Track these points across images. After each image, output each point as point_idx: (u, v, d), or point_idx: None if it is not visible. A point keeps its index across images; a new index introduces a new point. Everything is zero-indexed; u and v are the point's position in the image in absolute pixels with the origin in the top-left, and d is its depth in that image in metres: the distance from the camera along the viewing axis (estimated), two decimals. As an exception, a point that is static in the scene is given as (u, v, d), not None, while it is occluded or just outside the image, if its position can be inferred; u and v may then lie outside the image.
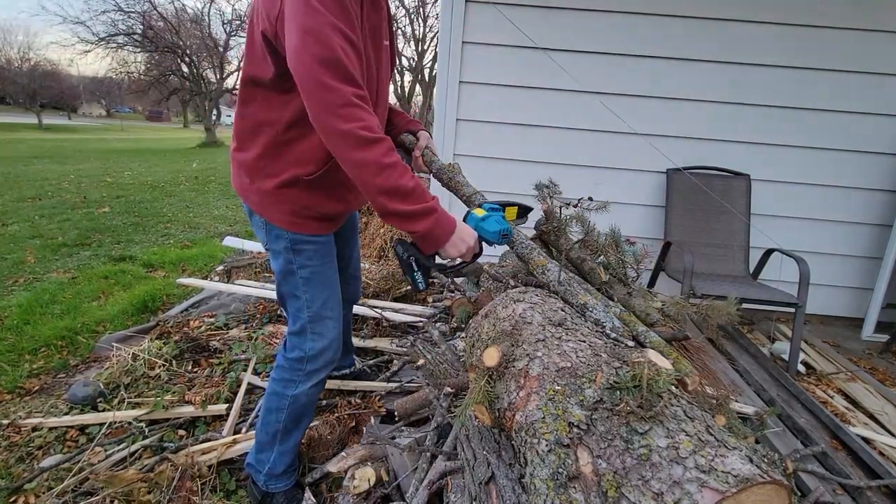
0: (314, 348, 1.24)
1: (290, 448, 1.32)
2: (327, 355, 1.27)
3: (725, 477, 0.63)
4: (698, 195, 2.65)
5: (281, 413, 1.27)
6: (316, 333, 1.24)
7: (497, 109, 2.78)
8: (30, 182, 6.58)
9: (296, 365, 1.25)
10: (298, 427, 1.32)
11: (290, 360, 1.26)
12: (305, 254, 1.19)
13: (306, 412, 1.33)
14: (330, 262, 1.26)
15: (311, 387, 1.27)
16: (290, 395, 1.26)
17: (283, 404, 1.27)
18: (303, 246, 1.18)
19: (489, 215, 1.09)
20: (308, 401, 1.30)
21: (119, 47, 16.69)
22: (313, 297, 1.22)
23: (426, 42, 13.74)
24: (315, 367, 1.26)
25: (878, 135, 2.63)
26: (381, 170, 0.92)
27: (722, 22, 2.55)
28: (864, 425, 1.84)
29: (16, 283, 2.97)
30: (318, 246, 1.21)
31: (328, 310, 1.25)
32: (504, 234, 1.07)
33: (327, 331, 1.25)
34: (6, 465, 1.46)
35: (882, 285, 2.65)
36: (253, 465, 1.34)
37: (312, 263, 1.20)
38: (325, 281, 1.24)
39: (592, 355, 0.90)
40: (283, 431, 1.29)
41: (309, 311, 1.22)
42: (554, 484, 0.75)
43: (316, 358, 1.25)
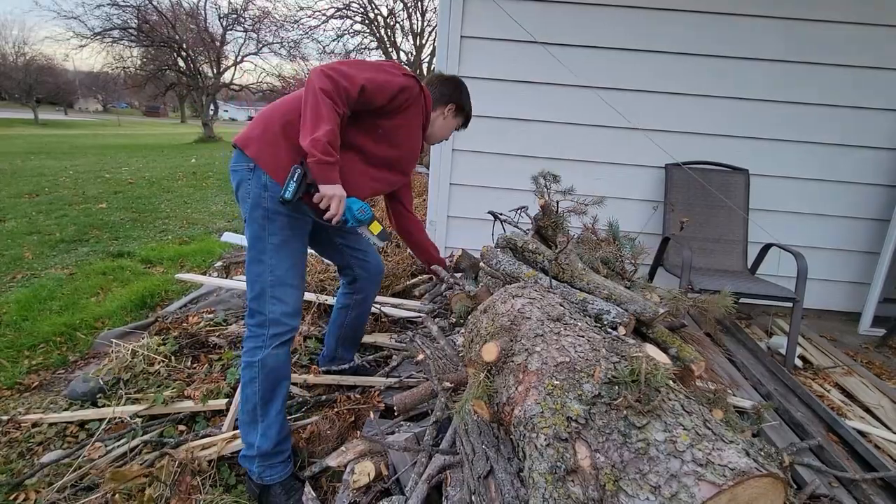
0: (273, 312, 1.31)
1: (273, 420, 1.33)
2: (288, 321, 1.33)
3: (722, 470, 0.64)
4: (697, 190, 2.65)
5: (255, 383, 1.31)
6: (276, 298, 1.31)
7: (496, 104, 2.77)
8: (26, 178, 6.55)
9: (258, 330, 1.32)
10: (276, 395, 1.34)
11: (252, 326, 1.32)
12: (278, 223, 1.29)
13: (282, 375, 1.35)
14: (301, 236, 1.37)
15: (275, 347, 1.32)
16: (257, 360, 1.30)
17: (254, 373, 1.31)
18: (278, 217, 1.29)
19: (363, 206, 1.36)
20: (277, 363, 1.33)
21: (115, 42, 16.55)
22: (278, 262, 1.31)
23: (424, 36, 13.66)
24: (277, 331, 1.32)
25: (875, 129, 2.63)
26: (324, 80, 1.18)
27: (720, 16, 2.54)
28: (860, 419, 1.85)
29: (14, 280, 2.96)
30: (292, 219, 1.31)
31: (292, 277, 1.34)
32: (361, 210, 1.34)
33: (288, 297, 1.33)
34: (7, 461, 1.46)
35: (879, 280, 2.66)
36: (246, 455, 1.35)
37: (285, 233, 1.31)
38: (293, 252, 1.34)
39: (591, 350, 0.91)
40: (262, 402, 1.32)
41: (271, 276, 1.30)
42: (552, 478, 0.76)
43: (276, 322, 1.31)
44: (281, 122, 1.28)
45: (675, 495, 0.63)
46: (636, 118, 2.60)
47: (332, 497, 1.33)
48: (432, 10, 12.95)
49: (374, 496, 1.26)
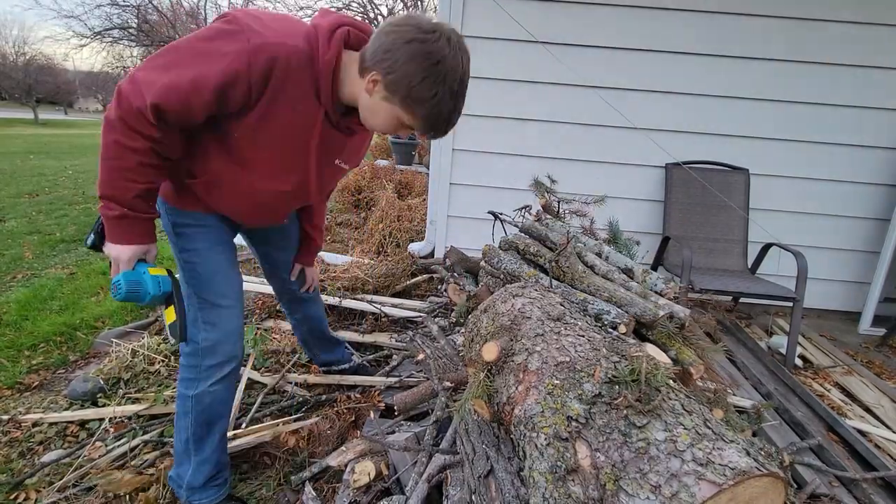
0: (207, 339, 1.14)
1: (208, 457, 1.21)
2: (225, 348, 1.16)
3: (723, 470, 0.64)
4: (697, 189, 2.65)
5: (188, 418, 1.17)
6: (207, 323, 1.14)
7: (495, 104, 2.77)
8: (26, 178, 6.54)
9: (192, 360, 1.16)
10: (211, 433, 1.20)
11: (186, 355, 1.16)
12: (185, 236, 1.12)
13: (217, 415, 1.20)
14: (220, 246, 1.17)
15: (212, 384, 1.16)
16: (191, 395, 1.16)
17: (187, 407, 1.17)
18: (184, 229, 1.12)
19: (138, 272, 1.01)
20: (213, 401, 1.18)
21: (115, 41, 16.54)
22: (200, 283, 1.13)
23: (424, 36, 13.66)
24: (213, 362, 1.15)
25: (876, 129, 2.63)
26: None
27: (721, 15, 2.54)
28: (861, 418, 1.85)
29: (14, 279, 2.96)
30: (203, 229, 1.14)
31: (220, 297, 1.15)
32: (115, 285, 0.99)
33: (221, 321, 1.15)
34: (7, 461, 1.46)
35: (879, 279, 2.66)
36: (173, 478, 1.25)
37: (195, 247, 1.13)
38: (213, 266, 1.15)
39: (591, 350, 0.91)
40: (195, 438, 1.18)
41: (198, 298, 1.13)
42: (552, 477, 0.76)
43: (211, 351, 1.14)
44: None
45: (675, 495, 0.63)
46: (636, 118, 2.60)
47: (332, 497, 1.34)
48: (432, 9, 12.94)
49: (374, 496, 1.26)
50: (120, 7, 15.57)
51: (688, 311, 1.25)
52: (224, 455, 1.27)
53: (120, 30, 16.17)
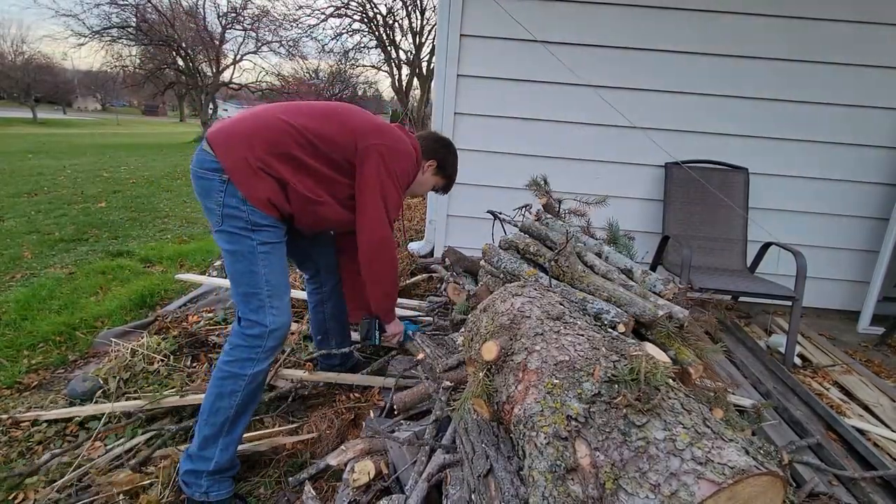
0: (275, 322, 1.28)
1: (235, 440, 1.29)
2: (284, 332, 1.31)
3: (722, 469, 0.64)
4: (696, 189, 2.65)
5: (235, 397, 1.26)
6: (275, 308, 1.28)
7: (495, 103, 2.77)
8: (25, 177, 6.53)
9: (256, 342, 1.26)
10: (246, 412, 1.31)
11: (250, 336, 1.27)
12: (265, 232, 1.27)
13: (257, 396, 1.33)
14: (283, 244, 1.35)
15: (267, 361, 1.30)
16: (248, 373, 1.26)
17: (238, 386, 1.26)
18: (263, 228, 1.27)
19: (408, 324, 1.84)
20: (262, 382, 1.32)
21: (113, 40, 16.49)
22: (271, 271, 1.28)
23: (424, 35, 13.64)
24: (274, 343, 1.29)
25: (875, 128, 2.63)
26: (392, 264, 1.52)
27: (720, 14, 2.54)
28: (860, 417, 1.85)
29: (13, 279, 2.96)
30: (274, 230, 1.30)
31: (284, 287, 1.32)
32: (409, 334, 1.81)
33: (284, 307, 1.31)
34: (7, 460, 1.46)
35: (878, 278, 2.66)
36: (192, 470, 1.25)
37: (271, 240, 1.29)
38: (281, 261, 1.33)
39: (590, 349, 0.91)
40: (234, 418, 1.27)
41: (268, 286, 1.27)
42: (552, 476, 0.76)
43: (276, 333, 1.28)
44: (265, 150, 1.24)
45: (674, 493, 0.63)
46: (636, 117, 2.60)
47: (331, 496, 1.34)
48: (431, 8, 12.93)
49: (374, 495, 1.26)
50: (118, 6, 15.53)
51: (687, 312, 1.25)
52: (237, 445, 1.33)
53: (119, 29, 16.13)
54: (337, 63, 16.57)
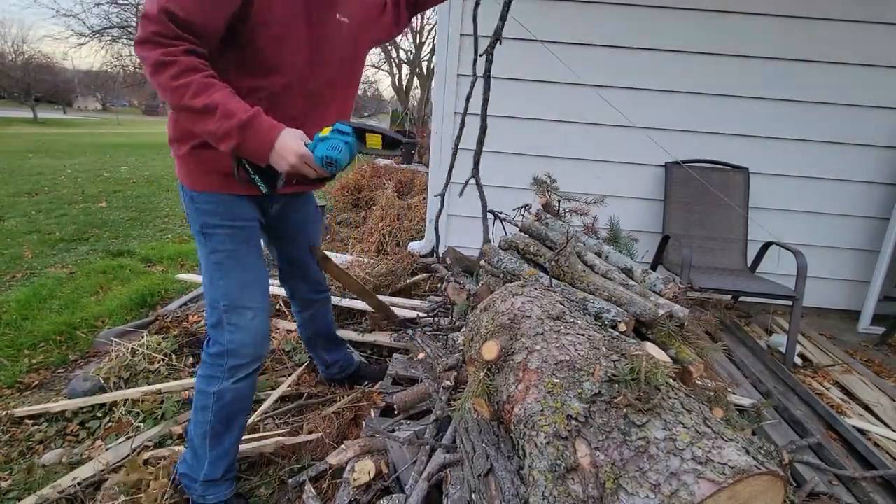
0: (233, 341, 1.16)
1: (225, 452, 1.23)
2: (249, 350, 1.18)
3: (722, 468, 0.64)
4: (697, 188, 2.65)
5: (207, 412, 1.19)
6: (233, 325, 1.16)
7: (496, 103, 2.76)
8: (26, 177, 6.53)
9: (216, 360, 1.17)
10: (230, 429, 1.22)
11: (211, 355, 1.18)
12: (215, 237, 1.14)
13: (237, 410, 1.22)
14: (250, 246, 1.19)
15: (235, 383, 1.18)
16: (212, 391, 1.17)
17: (207, 402, 1.18)
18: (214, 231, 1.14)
19: (328, 138, 1.00)
20: (235, 398, 1.20)
21: (114, 40, 16.51)
22: (228, 284, 1.15)
23: (424, 34, 13.63)
24: (238, 362, 1.17)
25: (875, 127, 2.63)
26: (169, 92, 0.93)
27: (721, 14, 2.54)
28: (860, 417, 1.85)
29: (13, 279, 2.96)
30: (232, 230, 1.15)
31: (247, 299, 1.17)
32: (328, 162, 0.99)
33: (247, 323, 1.17)
34: (7, 460, 1.46)
35: (879, 278, 2.66)
36: (186, 473, 1.24)
37: (226, 248, 1.15)
38: (243, 266, 1.17)
39: (591, 348, 0.91)
40: (213, 434, 1.20)
41: (225, 301, 1.15)
42: (552, 476, 0.76)
43: (236, 353, 1.17)
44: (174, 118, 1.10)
45: (674, 493, 0.63)
46: (636, 116, 2.60)
47: (332, 495, 1.34)
48: (432, 7, 12.92)
49: (374, 494, 1.26)
50: (119, 6, 15.54)
51: (687, 311, 1.25)
52: (236, 450, 1.29)
53: (119, 28, 16.14)
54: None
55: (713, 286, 2.15)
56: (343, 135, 1.01)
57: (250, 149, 0.96)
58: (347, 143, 1.01)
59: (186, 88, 0.92)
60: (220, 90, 0.94)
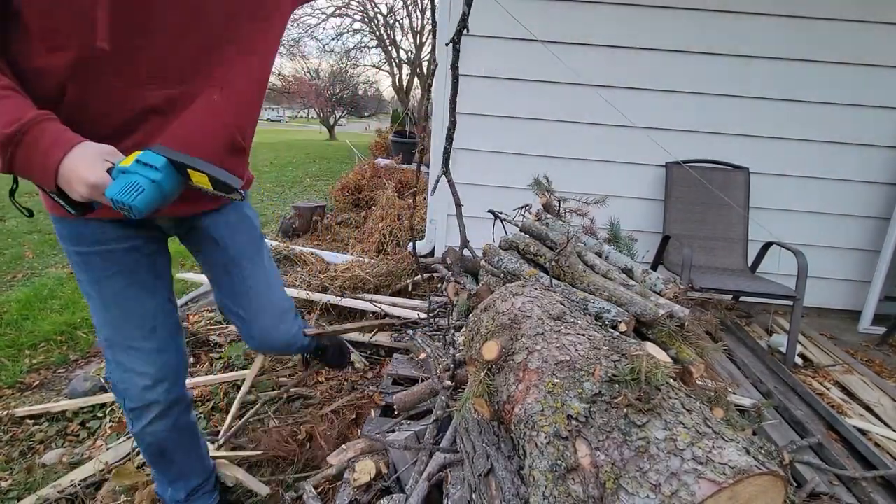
0: (123, 381, 0.96)
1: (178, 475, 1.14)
2: (137, 392, 0.97)
3: (722, 468, 0.64)
4: (697, 188, 2.64)
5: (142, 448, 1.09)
6: (118, 363, 0.96)
7: (495, 102, 2.77)
8: (26, 177, 6.54)
9: (117, 398, 1.01)
10: (174, 461, 1.10)
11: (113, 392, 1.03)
12: (81, 265, 0.93)
13: (168, 449, 1.06)
14: (131, 273, 0.94)
15: (145, 426, 0.99)
16: (133, 433, 1.03)
17: (137, 440, 1.06)
18: (79, 256, 0.92)
19: (129, 171, 0.71)
20: (155, 441, 1.02)
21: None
22: (105, 318, 0.95)
23: (424, 34, 13.63)
24: (134, 405, 0.98)
25: (876, 127, 2.63)
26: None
27: (721, 14, 2.54)
28: (860, 417, 1.85)
29: (14, 279, 2.96)
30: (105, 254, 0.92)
31: (130, 336, 0.95)
32: (120, 207, 0.70)
33: (131, 362, 0.95)
34: (8, 460, 1.47)
35: (880, 278, 2.66)
36: (160, 494, 1.20)
37: (93, 277, 0.93)
38: (122, 298, 0.94)
39: (591, 348, 0.91)
40: (155, 466, 1.11)
41: (104, 339, 0.96)
42: (552, 476, 0.76)
43: (128, 394, 0.97)
44: None
45: (675, 493, 0.63)
46: (637, 116, 2.60)
47: (332, 496, 1.34)
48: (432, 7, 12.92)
49: (374, 494, 1.26)
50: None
51: (687, 311, 1.25)
52: (203, 464, 1.20)
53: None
54: (338, 62, 16.57)
55: (714, 286, 2.15)
56: (149, 168, 0.72)
57: (24, 172, 0.72)
58: (154, 181, 0.71)
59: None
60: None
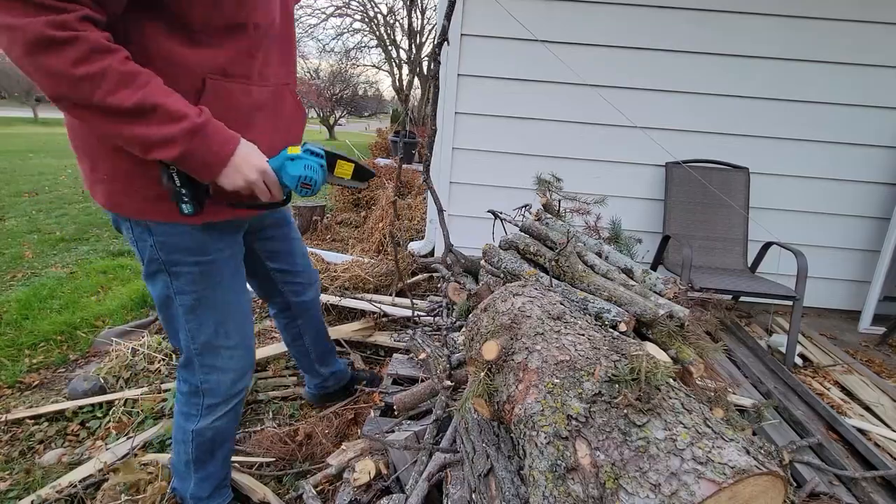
0: (207, 382, 1.05)
1: (210, 474, 1.18)
2: (225, 387, 1.07)
3: (722, 468, 0.64)
4: (697, 188, 2.64)
5: (188, 445, 1.12)
6: (207, 366, 1.04)
7: (496, 102, 2.77)
8: (26, 176, 6.54)
9: (192, 399, 1.08)
10: (213, 457, 1.16)
11: (185, 393, 1.09)
12: (187, 277, 0.95)
13: (220, 442, 1.16)
14: (228, 279, 1.02)
15: (215, 421, 1.10)
16: (191, 429, 1.10)
17: (186, 437, 1.11)
18: (181, 268, 0.94)
19: (301, 157, 0.87)
20: (216, 434, 1.12)
21: (114, 40, 16.53)
22: (199, 327, 1.00)
23: (424, 34, 13.63)
24: (214, 401, 1.08)
25: (876, 127, 2.63)
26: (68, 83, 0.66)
27: (721, 14, 2.54)
28: (860, 417, 1.85)
29: (14, 279, 2.96)
30: (206, 265, 0.96)
31: (222, 338, 1.03)
32: (305, 184, 0.86)
33: (223, 362, 1.05)
34: (7, 460, 1.46)
35: (879, 278, 2.66)
36: (177, 489, 1.21)
37: (197, 287, 0.97)
38: (219, 306, 1.01)
39: (591, 348, 0.91)
40: (196, 461, 1.14)
41: (194, 344, 1.02)
42: (552, 475, 0.76)
43: (213, 392, 1.07)
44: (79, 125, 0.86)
45: (675, 493, 0.63)
46: (637, 116, 2.60)
47: (332, 496, 1.34)
48: (432, 7, 12.91)
49: (374, 494, 1.26)
50: (119, 6, 15.54)
51: (687, 311, 1.25)
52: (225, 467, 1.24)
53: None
54: (337, 62, 16.56)
55: (713, 286, 2.15)
56: (316, 156, 0.88)
57: (197, 160, 0.76)
58: (322, 166, 0.88)
59: (100, 79, 0.66)
60: (151, 79, 0.71)
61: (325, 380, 1.66)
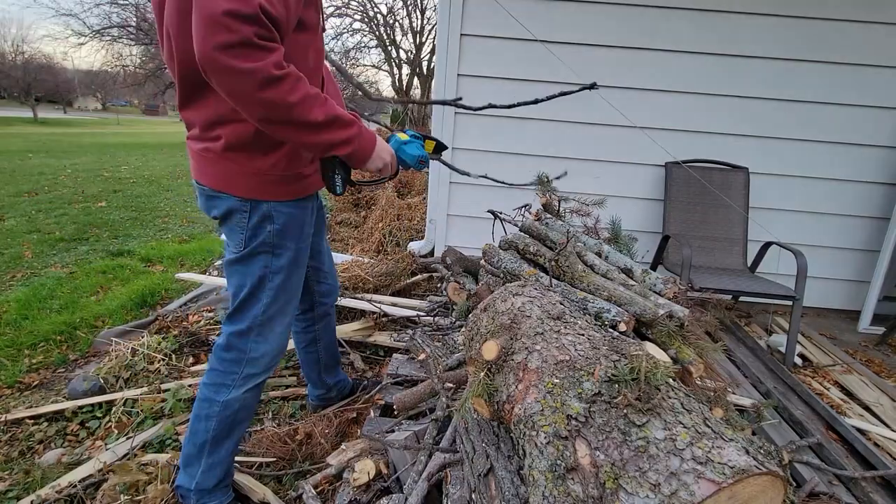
0: (256, 350, 1.16)
1: (221, 460, 1.21)
2: (268, 360, 1.19)
3: (722, 468, 0.64)
4: (697, 188, 2.65)
5: (210, 421, 1.16)
6: (262, 336, 1.16)
7: (495, 102, 2.76)
8: (26, 176, 6.53)
9: (231, 367, 1.16)
10: (230, 436, 1.21)
11: (227, 361, 1.16)
12: (287, 256, 1.12)
13: (240, 420, 1.21)
14: (302, 267, 1.19)
15: (245, 391, 1.18)
16: (221, 400, 1.16)
17: (213, 411, 1.16)
18: (283, 252, 1.11)
19: (411, 141, 1.18)
20: (242, 407, 1.19)
21: (114, 40, 16.48)
22: (274, 300, 1.14)
23: (424, 34, 13.64)
24: (254, 370, 1.18)
25: (875, 127, 2.63)
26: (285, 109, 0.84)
27: (721, 14, 2.54)
28: (860, 417, 1.85)
29: (13, 279, 2.96)
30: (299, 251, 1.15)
31: (284, 314, 1.18)
32: (422, 161, 1.19)
33: (274, 335, 1.18)
34: (7, 460, 1.46)
35: (879, 278, 2.66)
36: (182, 485, 1.22)
37: (288, 266, 1.14)
38: (294, 287, 1.19)
39: (591, 348, 0.91)
40: (213, 441, 1.18)
41: (263, 315, 1.13)
42: (552, 475, 0.76)
43: (256, 361, 1.17)
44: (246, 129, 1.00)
45: (674, 493, 0.63)
46: (636, 116, 2.60)
47: (332, 496, 1.34)
48: (432, 7, 12.92)
49: (374, 494, 1.26)
50: (119, 6, 15.52)
51: (687, 311, 1.25)
52: (231, 459, 1.26)
53: (119, 28, 16.12)
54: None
55: (713, 286, 2.15)
56: (418, 140, 1.20)
57: (360, 152, 0.99)
58: (422, 146, 1.20)
59: (311, 103, 0.86)
60: (326, 97, 0.91)
61: (328, 390, 1.68)
